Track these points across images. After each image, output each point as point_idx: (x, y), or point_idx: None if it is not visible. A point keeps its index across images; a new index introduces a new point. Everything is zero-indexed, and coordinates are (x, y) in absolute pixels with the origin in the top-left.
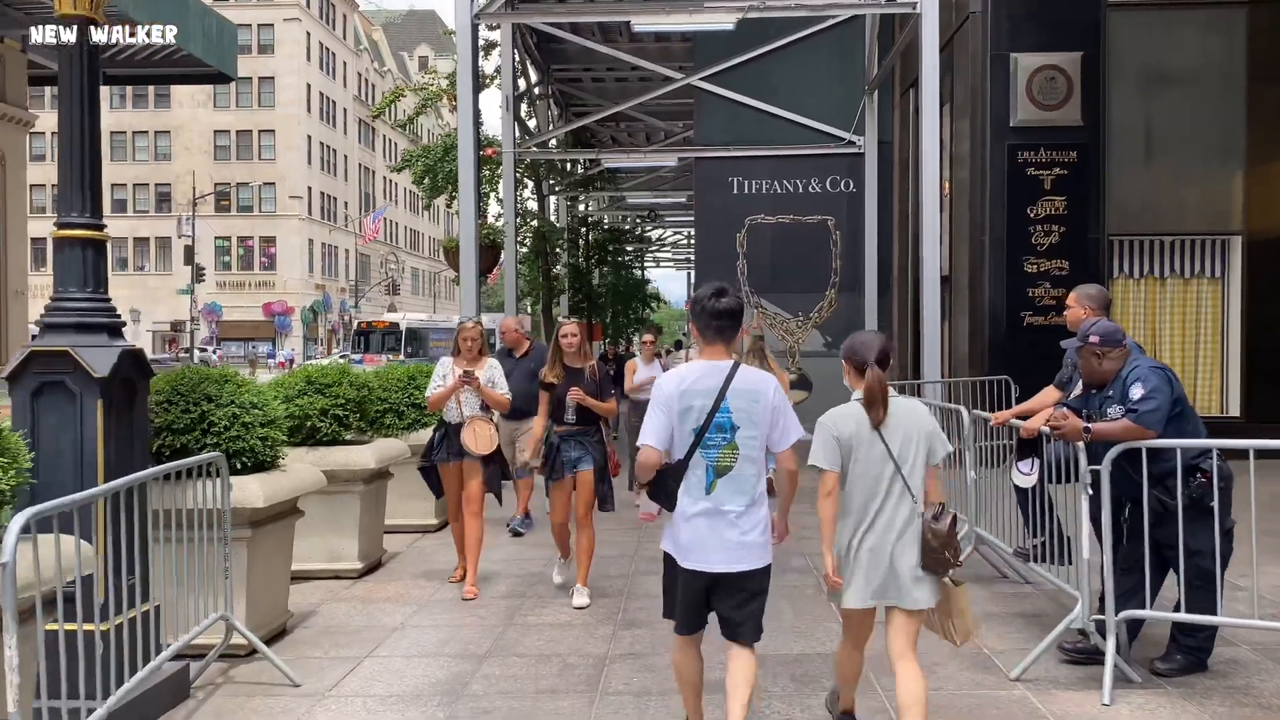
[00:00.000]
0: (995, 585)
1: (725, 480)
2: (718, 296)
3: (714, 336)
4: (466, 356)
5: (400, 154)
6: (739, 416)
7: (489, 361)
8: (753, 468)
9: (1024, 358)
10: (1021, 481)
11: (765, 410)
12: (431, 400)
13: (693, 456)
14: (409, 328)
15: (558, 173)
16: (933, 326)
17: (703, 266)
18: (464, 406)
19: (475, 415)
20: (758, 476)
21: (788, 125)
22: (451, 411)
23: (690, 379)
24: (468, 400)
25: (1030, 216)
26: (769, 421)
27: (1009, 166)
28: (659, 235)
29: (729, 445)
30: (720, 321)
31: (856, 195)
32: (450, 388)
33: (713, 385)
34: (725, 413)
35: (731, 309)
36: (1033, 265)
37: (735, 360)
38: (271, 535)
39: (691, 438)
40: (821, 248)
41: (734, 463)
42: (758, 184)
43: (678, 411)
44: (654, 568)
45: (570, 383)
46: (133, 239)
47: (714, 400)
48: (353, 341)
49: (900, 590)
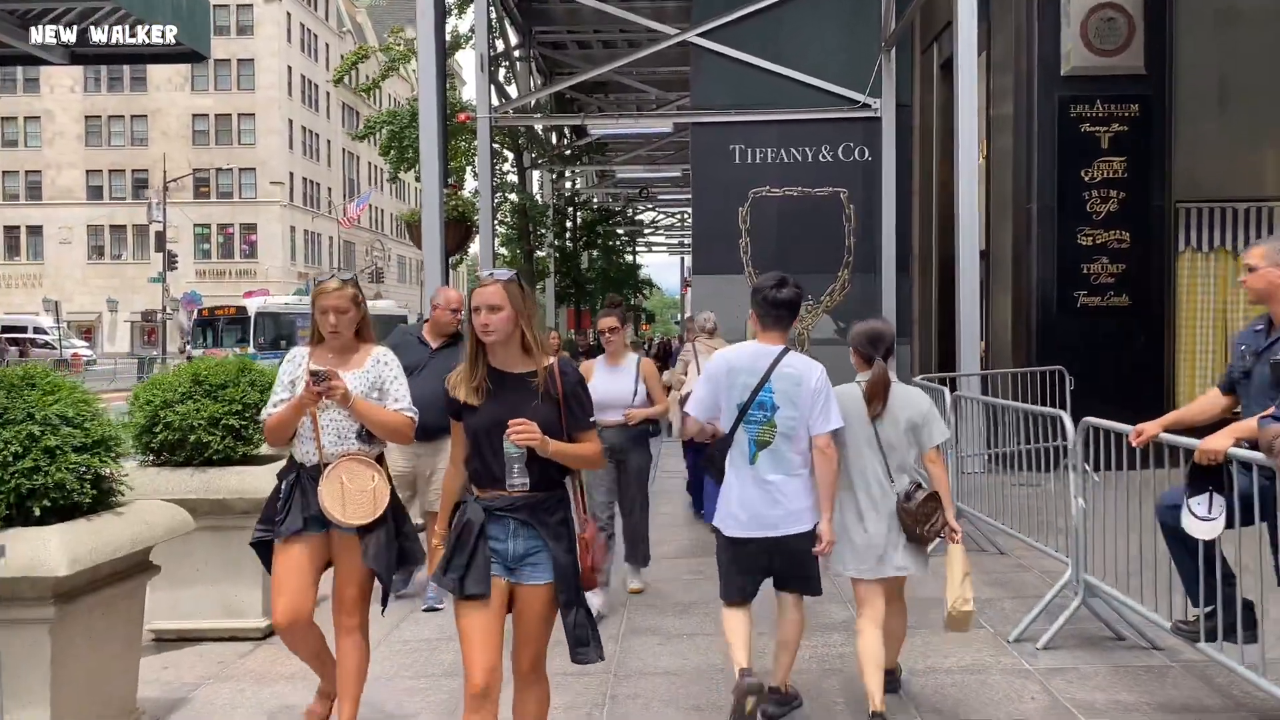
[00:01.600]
0: (1118, 654)
1: (767, 454)
2: (779, 287)
3: (771, 324)
4: (331, 345)
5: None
6: (780, 397)
7: (374, 353)
8: (790, 445)
9: (1077, 345)
10: (1201, 530)
11: (807, 394)
12: (269, 427)
13: (736, 430)
14: (261, 313)
15: (541, 146)
16: (970, 311)
17: (701, 245)
18: (324, 437)
19: (347, 455)
20: (796, 454)
21: (795, 86)
22: (305, 444)
23: (741, 358)
24: (333, 425)
25: (1085, 181)
26: (809, 405)
27: (1060, 122)
28: (652, 218)
29: (768, 423)
30: (779, 311)
31: (872, 164)
32: (294, 404)
33: (760, 366)
34: (768, 392)
35: (790, 299)
36: (1088, 237)
37: (786, 346)
38: (96, 610)
39: (736, 412)
40: (833, 223)
41: (773, 439)
42: (762, 152)
43: (725, 387)
44: None
45: (504, 404)
46: (109, 226)
47: (759, 380)
48: (192, 333)
49: (890, 562)
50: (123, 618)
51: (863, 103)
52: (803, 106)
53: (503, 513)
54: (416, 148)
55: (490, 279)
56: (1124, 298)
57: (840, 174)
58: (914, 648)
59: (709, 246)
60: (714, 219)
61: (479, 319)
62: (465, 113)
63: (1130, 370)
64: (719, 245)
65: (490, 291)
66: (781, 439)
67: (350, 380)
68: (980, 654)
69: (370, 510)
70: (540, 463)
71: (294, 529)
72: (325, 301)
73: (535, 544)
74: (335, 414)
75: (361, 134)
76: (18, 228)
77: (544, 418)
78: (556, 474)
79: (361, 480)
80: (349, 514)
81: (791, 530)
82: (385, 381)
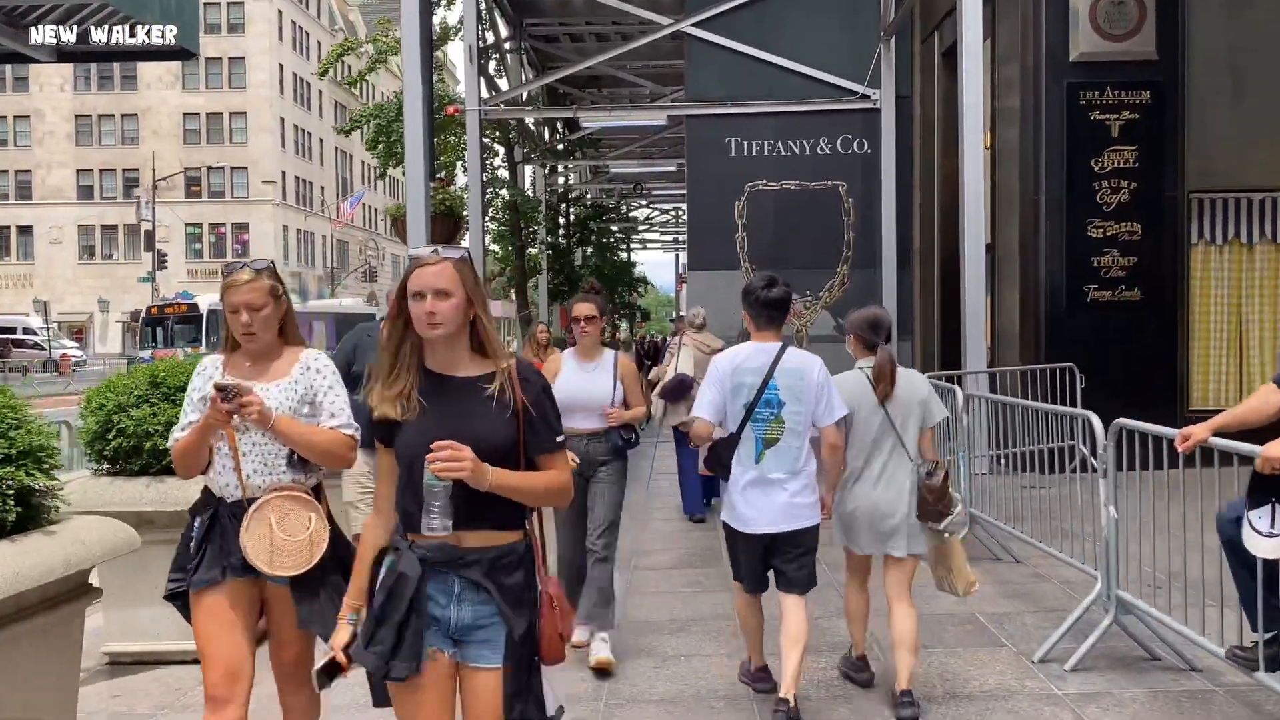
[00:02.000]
0: (1154, 676)
1: (772, 451)
2: (769, 287)
3: (765, 323)
4: (248, 349)
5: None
6: (785, 393)
7: (302, 358)
8: (797, 440)
9: (1088, 341)
10: (1263, 548)
11: (810, 388)
12: (175, 455)
13: (744, 430)
14: (214, 310)
15: (533, 140)
16: (976, 306)
17: (696, 240)
18: (246, 466)
19: (277, 489)
20: (801, 449)
21: (792, 77)
22: (224, 476)
23: (742, 358)
24: (256, 451)
25: (1095, 170)
26: (814, 398)
27: (1069, 110)
28: (647, 215)
29: (776, 419)
30: (771, 310)
31: (871, 157)
32: (200, 427)
33: (762, 364)
34: (773, 389)
35: (781, 298)
36: (1098, 229)
37: (783, 343)
38: (23, 641)
39: (743, 412)
40: (832, 217)
41: (780, 435)
42: (758, 145)
43: (730, 388)
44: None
45: (446, 418)
46: (100, 226)
47: (763, 378)
48: (141, 333)
49: (893, 539)
50: (56, 648)
51: (861, 94)
52: (800, 98)
53: (446, 568)
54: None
55: (436, 257)
56: (1135, 291)
57: (839, 167)
58: (931, 670)
59: (704, 242)
60: (709, 213)
61: (423, 307)
62: (454, 106)
63: (1142, 367)
64: (714, 240)
65: (437, 272)
66: (790, 434)
67: (271, 394)
68: (1004, 677)
69: (305, 559)
70: (488, 500)
71: (209, 580)
72: (236, 297)
73: (487, 611)
74: (258, 436)
75: (348, 128)
76: (8, 228)
77: (498, 435)
78: (515, 515)
79: (295, 524)
80: (276, 564)
81: (794, 526)
82: (317, 392)
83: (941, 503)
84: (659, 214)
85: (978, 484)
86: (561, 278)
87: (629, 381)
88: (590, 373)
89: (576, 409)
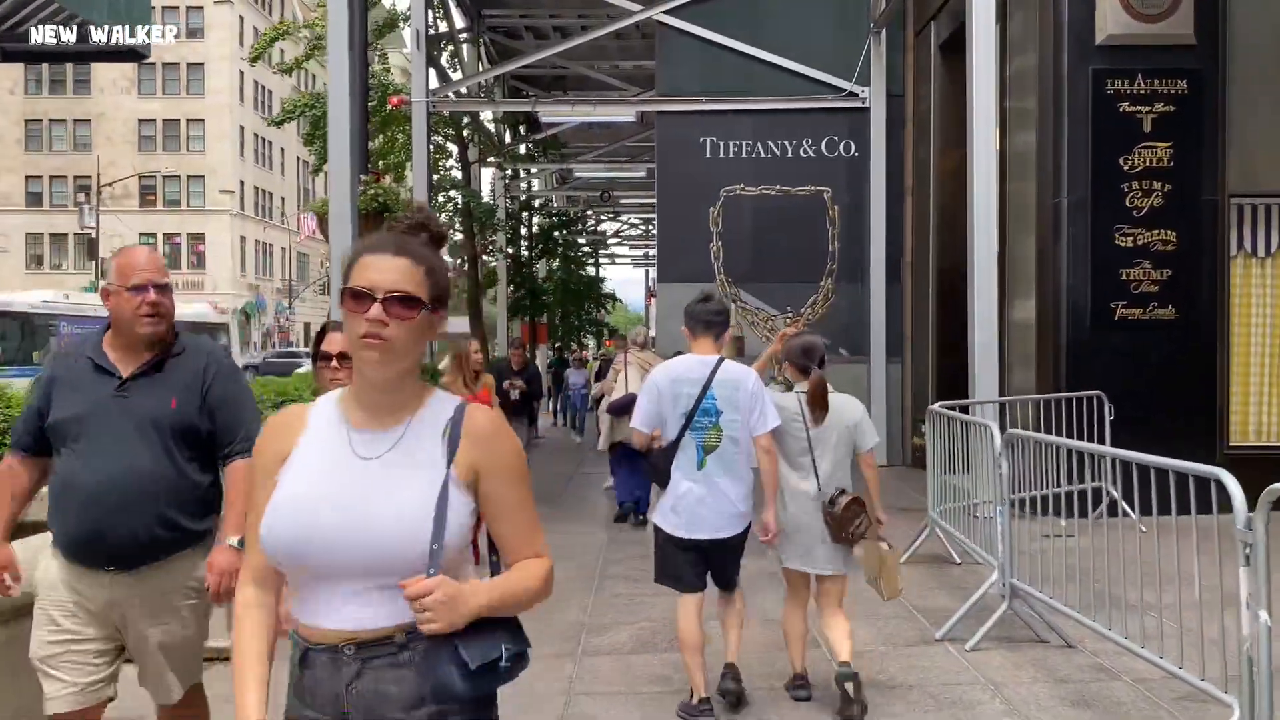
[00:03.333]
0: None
1: (713, 457)
2: (706, 301)
3: (703, 333)
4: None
5: None
6: (723, 403)
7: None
8: (735, 447)
9: (1115, 365)
10: None
11: (745, 397)
12: None
13: (683, 437)
14: (40, 310)
15: (490, 140)
16: (988, 325)
17: (667, 250)
18: None
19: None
20: (740, 455)
21: (773, 72)
22: None
23: (681, 370)
24: None
25: (1124, 170)
26: (749, 408)
27: (1094, 101)
28: (616, 228)
29: (714, 427)
30: (711, 318)
31: (859, 161)
32: None
33: (700, 375)
34: (711, 399)
35: (719, 310)
36: (1127, 237)
37: (720, 356)
38: None
39: (682, 420)
40: (815, 226)
41: (719, 442)
42: (736, 146)
43: (669, 398)
44: None
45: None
46: (49, 235)
47: (701, 388)
48: None
49: (817, 558)
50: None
51: (849, 91)
52: (781, 94)
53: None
54: None
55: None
56: (1170, 309)
57: (823, 171)
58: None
59: (676, 252)
60: (681, 221)
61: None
62: (399, 96)
63: (1177, 395)
64: (687, 250)
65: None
66: (728, 441)
67: None
68: None
69: None
70: None
71: None
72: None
73: None
74: None
75: (279, 119)
76: None
77: None
78: None
79: None
80: None
81: (731, 533)
82: None
83: (846, 530)
84: (629, 227)
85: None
86: (523, 291)
87: None
88: None
89: None
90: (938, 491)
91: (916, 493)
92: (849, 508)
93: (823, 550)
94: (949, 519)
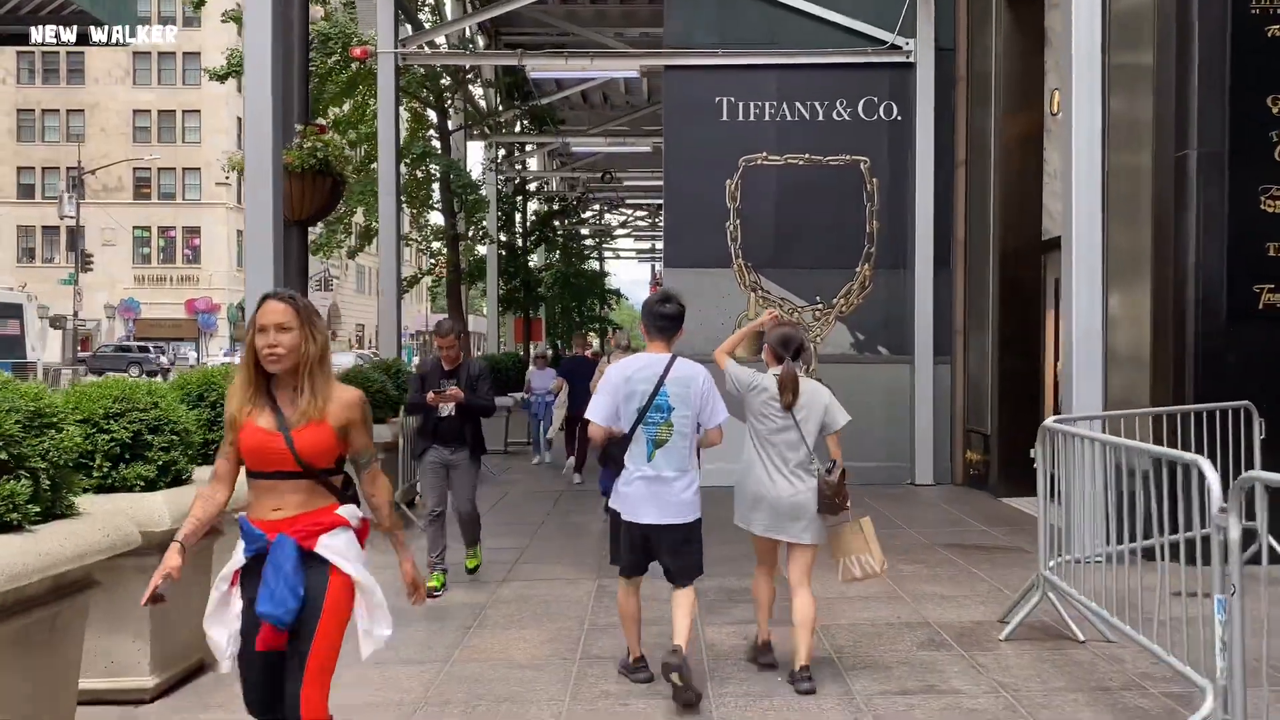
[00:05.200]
0: None
1: (662, 451)
2: (664, 302)
3: (656, 334)
4: None
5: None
6: (674, 399)
7: None
8: (684, 441)
9: (1265, 368)
10: None
11: (696, 395)
12: None
13: (635, 431)
14: None
15: (476, 111)
16: (1089, 319)
17: (675, 230)
18: None
19: None
20: (689, 449)
21: (802, 20)
22: None
23: (635, 368)
24: None
25: (1273, 114)
26: (699, 403)
27: (1234, 23)
28: (622, 219)
29: (665, 422)
30: (663, 323)
31: (902, 125)
32: None
33: (653, 374)
34: (663, 395)
35: (674, 313)
36: (1276, 200)
37: (673, 354)
38: None
39: (635, 415)
40: (851, 202)
41: (670, 436)
42: (758, 107)
43: (624, 395)
44: None
45: None
46: (41, 228)
47: (654, 385)
48: None
49: (792, 529)
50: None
51: (890, 44)
52: (811, 47)
53: None
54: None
55: None
56: None
57: (860, 137)
58: None
59: (686, 232)
60: (693, 197)
61: None
62: (362, 47)
63: None
64: (700, 230)
65: None
66: (677, 435)
67: None
68: None
69: None
70: None
71: None
72: None
73: None
74: None
75: (221, 72)
76: None
77: None
78: None
79: None
80: None
81: (678, 520)
82: None
83: (838, 497)
84: (634, 217)
85: (1085, 578)
86: (516, 282)
87: None
88: None
89: None
90: (1055, 540)
91: (980, 521)
92: (842, 478)
93: (803, 522)
94: (1075, 581)
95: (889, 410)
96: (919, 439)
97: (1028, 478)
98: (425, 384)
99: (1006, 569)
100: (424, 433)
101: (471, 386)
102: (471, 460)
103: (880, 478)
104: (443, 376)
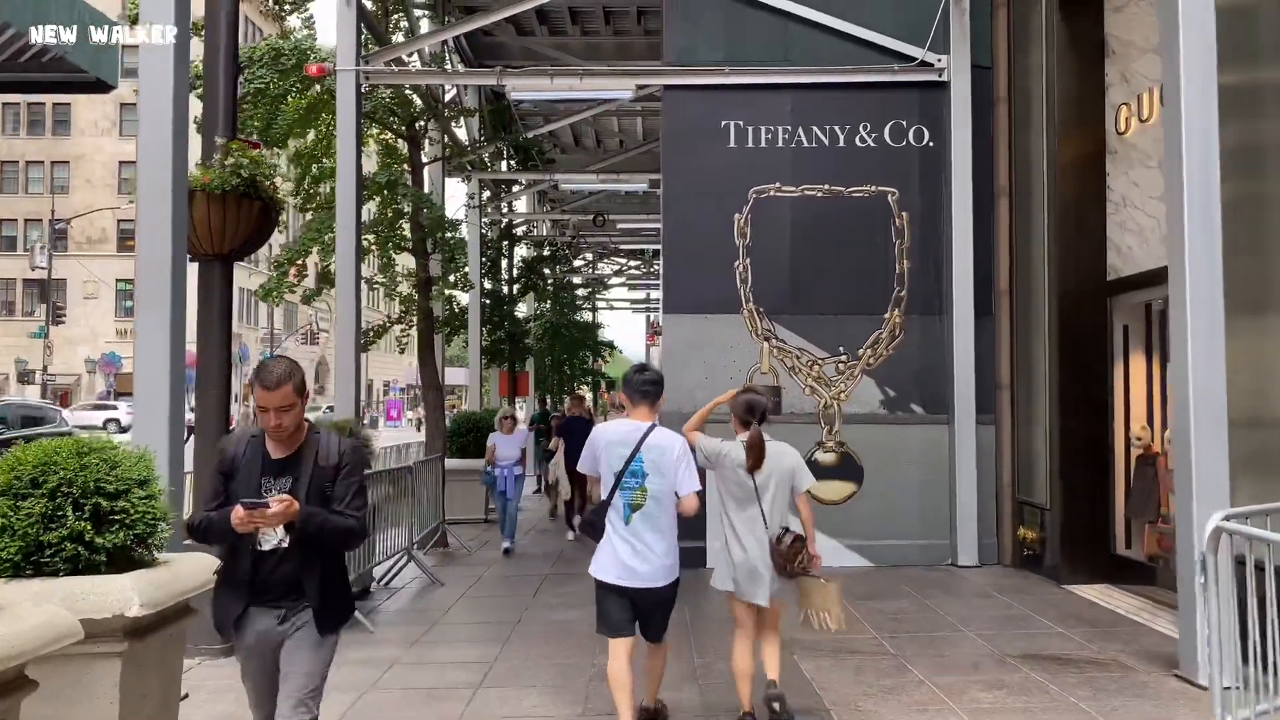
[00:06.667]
0: None
1: (640, 515)
2: (640, 371)
3: (639, 400)
4: None
5: None
6: (649, 466)
7: None
8: (659, 506)
9: None
10: None
11: (670, 462)
12: None
13: (614, 496)
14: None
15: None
16: (1209, 377)
17: (676, 274)
18: None
19: None
20: (664, 514)
21: (821, 34)
22: None
23: (616, 434)
24: None
25: None
26: (673, 471)
27: None
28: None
29: (640, 488)
30: (645, 388)
31: (935, 151)
32: None
33: (632, 439)
34: (639, 462)
35: (654, 380)
36: None
37: (653, 422)
38: None
39: (613, 480)
40: (877, 239)
41: (645, 501)
42: (771, 132)
43: (605, 458)
44: None
45: None
46: (22, 280)
47: (631, 451)
48: None
49: (758, 590)
50: None
51: (920, 61)
52: (831, 64)
53: None
54: (268, 111)
55: None
56: None
57: (887, 165)
58: None
59: (688, 273)
60: (696, 233)
61: None
62: (319, 64)
63: None
64: (704, 271)
65: None
66: (652, 501)
67: None
68: None
69: None
70: None
71: None
72: None
73: None
74: None
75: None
76: None
77: None
78: None
79: None
80: None
81: (657, 584)
82: None
83: (791, 564)
84: (628, 266)
85: None
86: (501, 333)
87: None
88: None
89: None
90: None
91: (1050, 620)
92: (793, 545)
93: (764, 585)
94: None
95: (925, 478)
96: (961, 512)
97: (1096, 560)
98: (231, 484)
99: (1114, 696)
100: (231, 581)
101: (323, 490)
102: (321, 629)
103: (916, 558)
104: (266, 473)
